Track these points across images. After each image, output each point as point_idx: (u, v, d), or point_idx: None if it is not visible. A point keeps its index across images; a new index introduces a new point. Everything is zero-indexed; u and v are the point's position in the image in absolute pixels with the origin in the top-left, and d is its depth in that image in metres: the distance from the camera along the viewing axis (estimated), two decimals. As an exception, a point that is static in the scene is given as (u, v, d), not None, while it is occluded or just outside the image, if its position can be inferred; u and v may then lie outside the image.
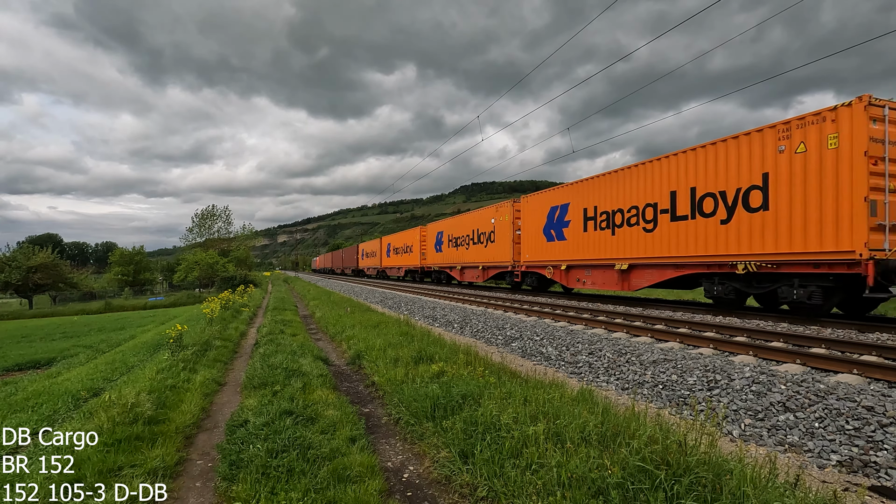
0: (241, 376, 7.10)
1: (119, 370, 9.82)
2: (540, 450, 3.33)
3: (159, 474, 3.70)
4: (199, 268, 48.50)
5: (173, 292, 52.62)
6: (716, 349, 6.86)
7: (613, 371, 6.42)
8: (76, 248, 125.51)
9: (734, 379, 5.24)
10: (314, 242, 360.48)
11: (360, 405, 5.72)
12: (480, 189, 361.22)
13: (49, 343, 19.46)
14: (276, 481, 3.37)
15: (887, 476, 3.42)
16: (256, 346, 9.61)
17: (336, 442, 4.07)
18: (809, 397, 4.54)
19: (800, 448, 3.95)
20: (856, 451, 3.74)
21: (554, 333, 8.76)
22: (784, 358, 6.02)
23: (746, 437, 4.28)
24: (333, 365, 8.17)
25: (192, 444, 4.63)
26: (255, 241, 66.19)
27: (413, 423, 4.65)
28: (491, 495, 3.18)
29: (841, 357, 5.56)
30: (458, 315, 12.58)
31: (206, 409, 5.70)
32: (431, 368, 5.85)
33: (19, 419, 6.56)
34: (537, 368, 6.93)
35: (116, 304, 42.56)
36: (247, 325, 14.13)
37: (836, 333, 7.54)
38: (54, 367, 13.78)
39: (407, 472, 3.85)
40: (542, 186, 21.28)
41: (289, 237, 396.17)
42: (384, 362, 6.83)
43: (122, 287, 55.61)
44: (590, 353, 7.27)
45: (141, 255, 60.17)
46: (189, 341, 8.78)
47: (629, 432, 3.40)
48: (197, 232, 56.49)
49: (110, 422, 4.49)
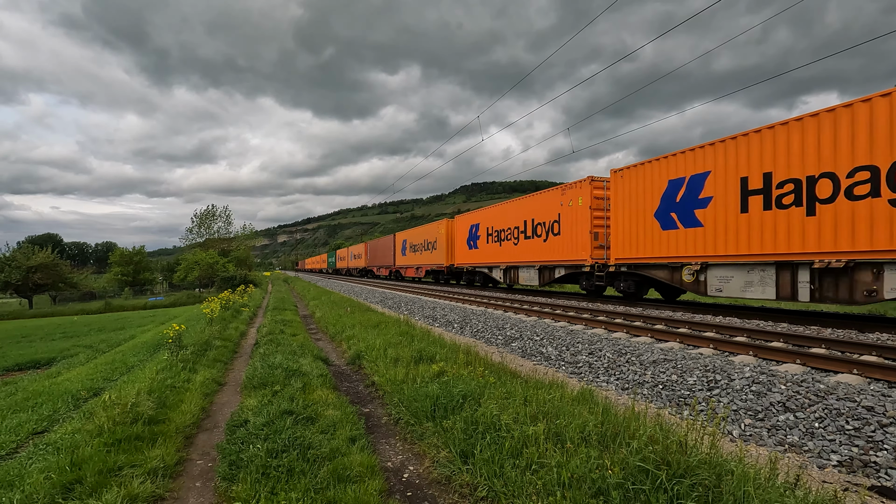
0: (241, 376, 7.10)
1: (119, 370, 9.82)
2: (540, 450, 3.33)
3: (159, 474, 3.70)
4: (199, 268, 48.49)
5: (173, 292, 52.62)
6: (716, 349, 6.86)
7: (613, 371, 6.42)
8: (76, 248, 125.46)
9: (734, 379, 5.24)
10: (314, 242, 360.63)
11: (360, 405, 5.72)
12: (481, 189, 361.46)
13: (49, 343, 19.46)
14: (276, 481, 3.36)
15: (887, 476, 3.42)
16: (256, 345, 9.61)
17: (336, 442, 4.07)
18: (809, 397, 4.55)
19: (800, 448, 3.95)
20: (856, 451, 3.74)
21: (554, 333, 8.76)
22: (784, 358, 6.02)
23: (747, 437, 4.28)
24: (333, 365, 8.17)
25: (192, 444, 4.62)
26: (255, 241, 66.18)
27: (413, 423, 4.65)
28: (491, 495, 3.18)
29: (841, 357, 5.55)
30: (458, 315, 12.58)
31: (206, 409, 5.70)
32: (431, 368, 5.85)
33: (19, 419, 6.56)
34: (537, 368, 6.93)
35: (116, 304, 42.57)
36: (247, 325, 14.13)
37: (836, 333, 7.55)
38: (54, 366, 13.78)
39: (407, 472, 3.85)
40: (543, 186, 20.88)
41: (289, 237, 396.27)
42: (384, 362, 6.82)
43: (122, 287, 55.63)
44: (590, 353, 7.27)
45: (141, 255, 60.19)
46: (189, 341, 8.78)
47: (629, 432, 3.40)
48: (197, 232, 56.48)
49: (110, 422, 4.49)
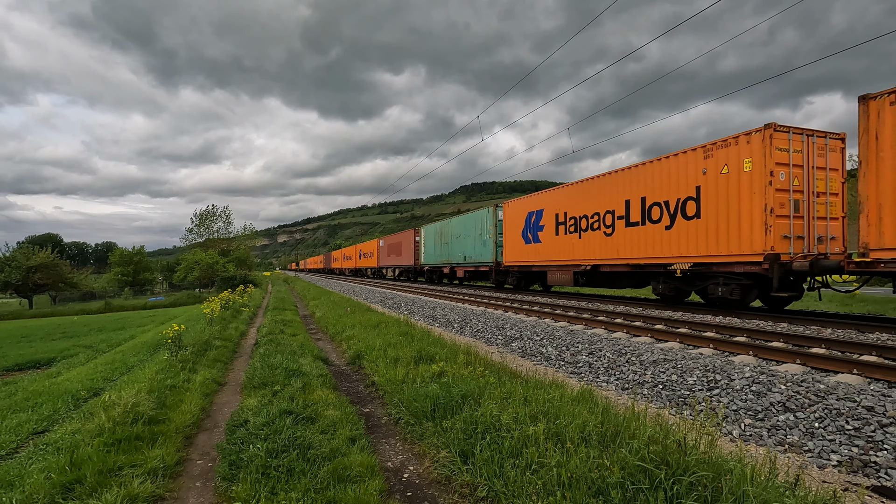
0: (241, 376, 7.10)
1: (119, 370, 9.82)
2: (540, 450, 3.33)
3: (159, 474, 3.70)
4: (199, 268, 48.51)
5: (173, 292, 52.65)
6: (716, 349, 6.86)
7: (613, 371, 6.42)
8: (76, 248, 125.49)
9: (734, 379, 5.24)
10: (314, 242, 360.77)
11: (360, 405, 5.72)
12: (481, 189, 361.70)
13: (49, 343, 19.47)
14: (276, 481, 3.36)
15: (887, 476, 3.42)
16: (256, 345, 9.61)
17: (336, 442, 4.07)
18: (809, 397, 4.54)
19: (800, 448, 3.95)
20: (856, 451, 3.73)
21: (554, 333, 8.76)
22: (784, 358, 6.02)
23: (746, 437, 4.28)
24: (333, 365, 8.17)
25: (192, 444, 4.63)
26: (255, 241, 66.19)
27: (413, 423, 4.65)
28: (491, 495, 3.18)
29: (841, 357, 5.55)
30: (458, 315, 12.58)
31: (206, 409, 5.70)
32: (431, 368, 5.85)
33: (19, 419, 6.56)
34: (537, 368, 6.93)
35: (116, 304, 42.60)
36: (247, 325, 14.13)
37: (836, 333, 7.55)
38: (54, 366, 13.79)
39: (407, 472, 3.85)
40: (543, 186, 20.74)
41: (289, 237, 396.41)
42: (384, 362, 6.82)
43: (122, 287, 55.68)
44: (590, 353, 7.27)
45: (141, 255, 60.24)
46: (189, 341, 8.78)
47: (629, 432, 3.40)
48: (197, 232, 56.50)
49: (110, 422, 4.49)
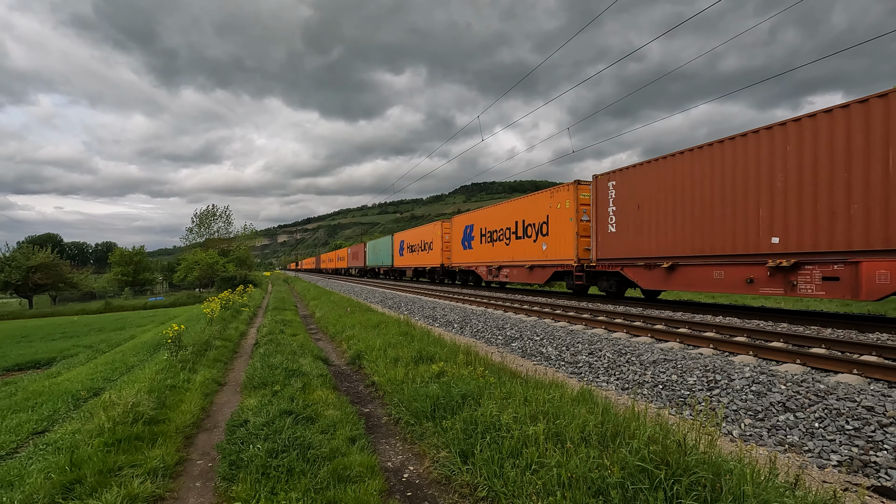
0: (241, 376, 7.10)
1: (119, 370, 9.82)
2: (540, 450, 3.33)
3: (159, 474, 3.70)
4: (199, 268, 48.48)
5: (173, 292, 52.65)
6: (716, 349, 6.86)
7: (613, 371, 6.42)
8: (76, 248, 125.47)
9: (734, 379, 5.24)
10: (314, 242, 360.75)
11: (360, 405, 5.72)
12: (481, 189, 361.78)
13: (49, 343, 19.46)
14: (276, 481, 3.36)
15: (887, 476, 3.42)
16: (256, 345, 9.61)
17: (336, 442, 4.07)
18: (809, 397, 4.55)
19: (800, 448, 3.95)
20: (856, 451, 3.74)
21: (554, 333, 8.76)
22: (784, 358, 6.02)
23: (746, 437, 4.28)
24: (333, 365, 8.17)
25: (192, 444, 4.62)
26: (255, 241, 66.12)
27: (413, 423, 4.64)
28: (491, 495, 3.18)
29: (841, 357, 5.55)
30: (458, 315, 12.58)
31: (206, 409, 5.70)
32: (431, 368, 5.85)
33: (19, 419, 6.56)
34: (537, 368, 6.93)
35: (116, 304, 42.60)
36: (247, 325, 14.13)
37: (836, 333, 7.55)
38: (54, 366, 13.78)
39: (407, 472, 3.85)
40: (543, 186, 20.94)
41: (289, 237, 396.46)
42: (384, 362, 6.82)
43: (121, 287, 55.68)
44: (590, 353, 7.27)
45: (141, 255, 60.22)
46: (189, 341, 8.77)
47: (629, 432, 3.40)
48: (197, 232, 56.48)
49: (110, 422, 4.49)
